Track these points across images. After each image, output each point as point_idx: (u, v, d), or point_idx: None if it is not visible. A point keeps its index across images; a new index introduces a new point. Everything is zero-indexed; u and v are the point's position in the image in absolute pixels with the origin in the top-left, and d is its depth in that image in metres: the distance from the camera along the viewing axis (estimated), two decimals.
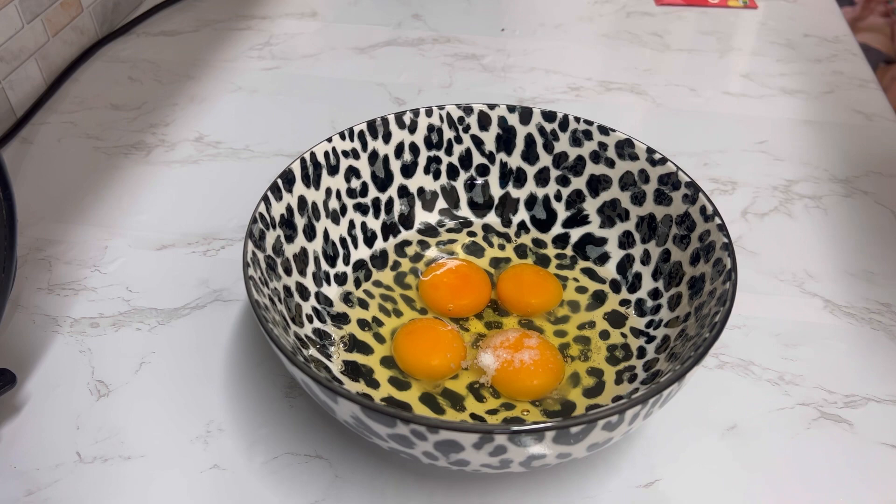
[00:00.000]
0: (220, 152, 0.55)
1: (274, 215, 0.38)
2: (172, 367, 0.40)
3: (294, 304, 0.38)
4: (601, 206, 0.43)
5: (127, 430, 0.37)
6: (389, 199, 0.44)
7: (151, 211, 0.50)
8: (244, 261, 0.34)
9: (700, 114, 0.59)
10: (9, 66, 0.56)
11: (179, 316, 0.43)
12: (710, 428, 0.37)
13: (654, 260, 0.40)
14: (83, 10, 0.64)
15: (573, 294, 0.41)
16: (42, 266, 0.46)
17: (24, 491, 0.35)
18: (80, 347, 0.41)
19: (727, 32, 0.69)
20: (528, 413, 0.36)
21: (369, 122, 0.43)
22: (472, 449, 0.29)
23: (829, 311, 0.43)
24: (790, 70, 0.63)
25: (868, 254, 0.47)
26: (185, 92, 0.61)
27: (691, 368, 0.30)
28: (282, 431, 0.37)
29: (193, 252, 0.47)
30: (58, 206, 0.50)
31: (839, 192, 0.51)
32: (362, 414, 0.29)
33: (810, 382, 0.39)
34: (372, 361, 0.38)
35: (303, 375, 0.30)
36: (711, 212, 0.37)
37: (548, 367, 0.37)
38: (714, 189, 0.51)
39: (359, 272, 0.42)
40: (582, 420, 0.28)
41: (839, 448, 0.37)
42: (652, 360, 0.37)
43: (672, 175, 0.40)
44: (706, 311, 0.34)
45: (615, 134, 0.41)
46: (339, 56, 0.66)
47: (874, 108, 0.59)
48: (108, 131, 0.57)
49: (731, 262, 0.34)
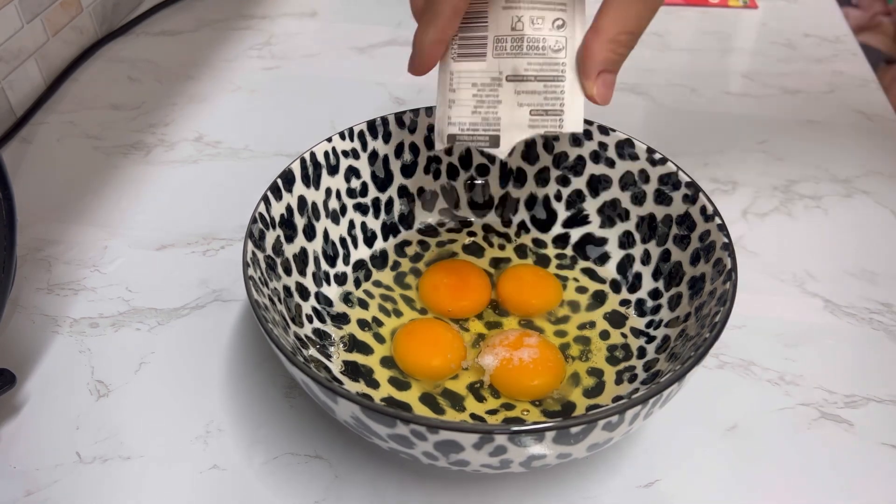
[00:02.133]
0: (219, 152, 0.55)
1: (274, 215, 0.38)
2: (172, 367, 0.40)
3: (294, 304, 0.38)
4: (601, 206, 0.43)
5: (127, 430, 0.37)
6: (389, 199, 0.44)
7: (151, 211, 0.50)
8: (244, 261, 0.34)
9: (700, 114, 0.59)
10: (8, 66, 0.56)
11: (179, 316, 0.43)
12: (711, 428, 0.37)
13: (655, 260, 0.40)
14: (83, 9, 0.64)
15: (573, 294, 0.41)
16: (41, 266, 0.46)
17: (24, 491, 0.35)
18: (79, 347, 0.41)
19: (727, 32, 0.69)
20: (528, 413, 0.36)
21: (369, 122, 0.43)
22: (472, 449, 0.29)
23: (829, 311, 0.43)
24: (790, 70, 0.63)
25: (868, 254, 0.47)
26: (185, 92, 0.61)
27: (691, 368, 0.30)
28: (282, 432, 0.37)
29: (193, 252, 0.47)
30: (57, 206, 0.50)
31: (839, 192, 0.51)
32: (362, 414, 0.29)
33: (810, 382, 0.39)
34: (372, 361, 0.38)
35: (303, 376, 0.30)
36: (711, 212, 0.37)
37: (548, 366, 0.37)
38: (714, 189, 0.51)
39: (359, 272, 0.42)
40: (582, 420, 0.28)
41: (839, 448, 0.37)
42: (652, 360, 0.37)
43: (672, 175, 0.40)
44: (706, 311, 0.34)
45: (615, 134, 0.41)
46: (339, 56, 0.66)
47: (874, 108, 0.59)
48: (107, 131, 0.57)
49: (731, 262, 0.34)
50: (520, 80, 0.33)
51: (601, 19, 0.32)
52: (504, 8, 0.33)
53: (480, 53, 0.34)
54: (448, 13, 0.32)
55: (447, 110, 0.35)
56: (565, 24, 0.33)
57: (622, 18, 0.31)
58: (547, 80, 0.33)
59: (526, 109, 0.34)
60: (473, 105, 0.35)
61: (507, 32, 0.33)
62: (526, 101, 0.33)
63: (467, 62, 0.34)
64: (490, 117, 0.34)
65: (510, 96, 0.34)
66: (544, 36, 0.33)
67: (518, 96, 0.33)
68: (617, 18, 0.31)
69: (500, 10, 0.33)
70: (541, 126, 0.34)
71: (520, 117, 0.34)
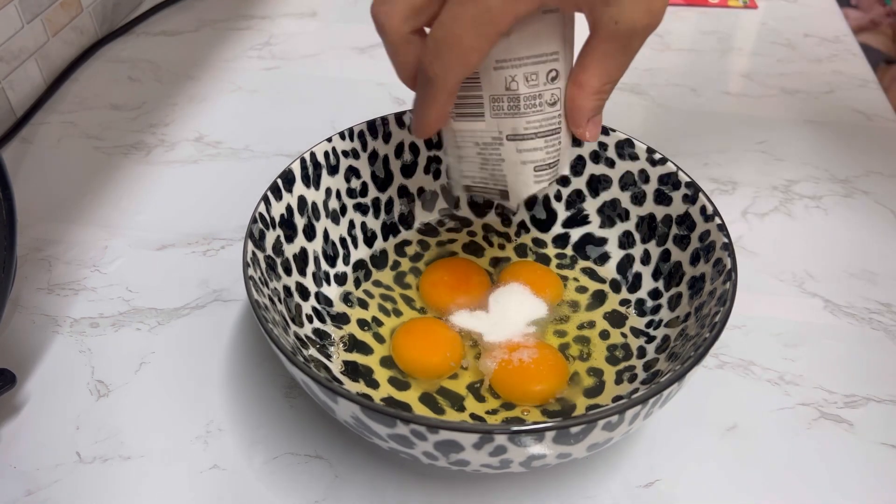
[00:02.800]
0: (219, 152, 0.55)
1: (274, 215, 0.38)
2: (172, 367, 0.40)
3: (294, 304, 0.38)
4: (601, 205, 0.43)
5: (127, 430, 0.37)
6: (389, 199, 0.44)
7: (151, 211, 0.50)
8: (244, 261, 0.34)
9: (700, 114, 0.59)
10: (9, 66, 0.56)
11: (179, 316, 0.43)
12: (711, 428, 0.37)
13: (654, 260, 0.40)
14: (83, 9, 0.64)
15: (573, 294, 0.41)
16: (42, 266, 0.46)
17: (24, 491, 0.35)
18: (79, 347, 0.41)
19: (727, 32, 0.69)
20: (528, 413, 0.36)
21: (369, 122, 0.43)
22: (472, 449, 0.29)
23: (829, 311, 0.43)
24: (790, 70, 0.63)
25: (868, 254, 0.47)
26: (185, 92, 0.61)
27: (691, 368, 0.30)
28: (282, 431, 0.37)
29: (193, 252, 0.47)
30: (58, 206, 0.50)
31: (839, 192, 0.51)
32: (362, 414, 0.29)
33: (810, 382, 0.39)
34: (371, 361, 0.38)
35: (303, 375, 0.30)
36: (711, 212, 0.37)
37: (550, 369, 0.37)
38: (714, 189, 0.51)
39: (359, 272, 0.42)
40: (582, 420, 0.28)
41: (839, 448, 0.37)
42: (652, 360, 0.37)
43: (672, 175, 0.40)
44: (706, 311, 0.34)
45: (615, 134, 0.41)
46: (339, 56, 0.66)
47: (874, 108, 0.59)
48: (107, 131, 0.57)
49: (731, 262, 0.34)
50: (520, 139, 0.33)
51: (583, 73, 0.31)
52: (495, 69, 0.32)
53: (479, 114, 0.33)
54: (445, 96, 0.31)
55: (458, 164, 0.36)
56: (559, 74, 0.32)
57: (605, 71, 0.31)
58: (547, 136, 0.33)
59: (530, 167, 0.34)
60: (480, 162, 0.35)
61: (503, 92, 0.32)
62: (529, 158, 0.33)
63: (467, 122, 0.34)
64: (496, 174, 0.35)
65: (513, 155, 0.33)
66: (540, 92, 0.32)
67: (521, 154, 0.33)
68: (600, 73, 0.31)
69: (492, 70, 0.32)
70: (545, 180, 0.34)
71: (525, 175, 0.34)
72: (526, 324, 0.39)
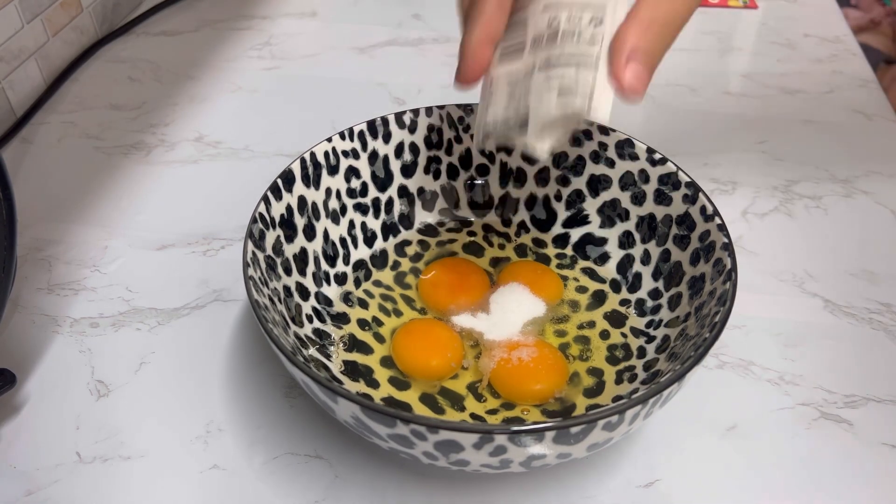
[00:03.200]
0: (220, 152, 0.55)
1: (274, 215, 0.38)
2: (172, 367, 0.40)
3: (294, 304, 0.38)
4: (601, 206, 0.43)
5: (127, 430, 0.37)
6: (389, 199, 0.44)
7: (151, 211, 0.50)
8: (244, 261, 0.34)
9: (700, 114, 0.59)
10: (9, 66, 0.56)
11: (179, 316, 0.43)
12: (711, 428, 0.37)
13: (654, 260, 0.40)
14: (83, 9, 0.64)
15: (573, 294, 0.41)
16: (42, 266, 0.46)
17: (24, 491, 0.35)
18: (79, 347, 0.41)
19: (727, 32, 0.69)
20: (528, 413, 0.36)
21: (369, 122, 0.43)
22: (472, 449, 0.29)
23: (829, 311, 0.43)
24: (790, 70, 0.63)
25: (868, 254, 0.47)
26: (185, 92, 0.61)
27: (691, 368, 0.30)
28: (282, 431, 0.37)
29: (193, 252, 0.47)
30: (58, 206, 0.50)
31: (839, 192, 0.51)
32: (362, 414, 0.29)
33: (810, 382, 0.39)
34: (372, 361, 0.38)
35: (303, 375, 0.30)
36: (711, 212, 0.37)
37: (550, 369, 0.37)
38: (714, 189, 0.51)
39: (359, 272, 0.42)
40: (582, 420, 0.28)
41: (839, 448, 0.37)
42: (652, 360, 0.37)
43: (672, 175, 0.40)
44: (706, 311, 0.34)
45: (615, 134, 0.41)
46: (339, 56, 0.66)
47: (874, 108, 0.59)
48: (107, 131, 0.57)
49: (731, 262, 0.34)
50: (551, 66, 0.32)
51: (634, 9, 0.32)
52: (543, 11, 0.32)
53: (518, 55, 0.33)
54: (493, 8, 0.31)
55: (484, 112, 0.35)
56: (602, 21, 0.32)
57: (654, 6, 0.31)
58: (578, 67, 0.32)
59: (554, 92, 0.32)
60: (506, 101, 0.34)
61: (544, 31, 0.32)
62: (555, 84, 0.32)
63: (505, 66, 0.34)
64: (520, 107, 0.33)
65: (541, 83, 0.33)
66: (580, 30, 0.32)
67: (548, 81, 0.32)
68: (649, 6, 0.31)
69: (539, 13, 0.32)
70: (568, 107, 0.32)
71: (548, 99, 0.32)
72: (526, 324, 0.39)
